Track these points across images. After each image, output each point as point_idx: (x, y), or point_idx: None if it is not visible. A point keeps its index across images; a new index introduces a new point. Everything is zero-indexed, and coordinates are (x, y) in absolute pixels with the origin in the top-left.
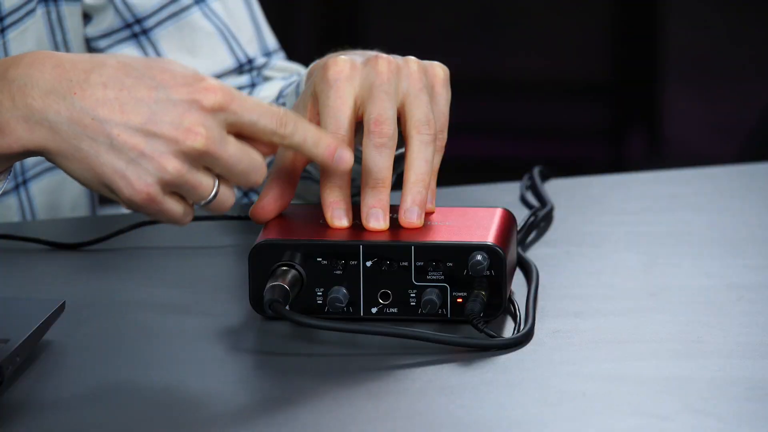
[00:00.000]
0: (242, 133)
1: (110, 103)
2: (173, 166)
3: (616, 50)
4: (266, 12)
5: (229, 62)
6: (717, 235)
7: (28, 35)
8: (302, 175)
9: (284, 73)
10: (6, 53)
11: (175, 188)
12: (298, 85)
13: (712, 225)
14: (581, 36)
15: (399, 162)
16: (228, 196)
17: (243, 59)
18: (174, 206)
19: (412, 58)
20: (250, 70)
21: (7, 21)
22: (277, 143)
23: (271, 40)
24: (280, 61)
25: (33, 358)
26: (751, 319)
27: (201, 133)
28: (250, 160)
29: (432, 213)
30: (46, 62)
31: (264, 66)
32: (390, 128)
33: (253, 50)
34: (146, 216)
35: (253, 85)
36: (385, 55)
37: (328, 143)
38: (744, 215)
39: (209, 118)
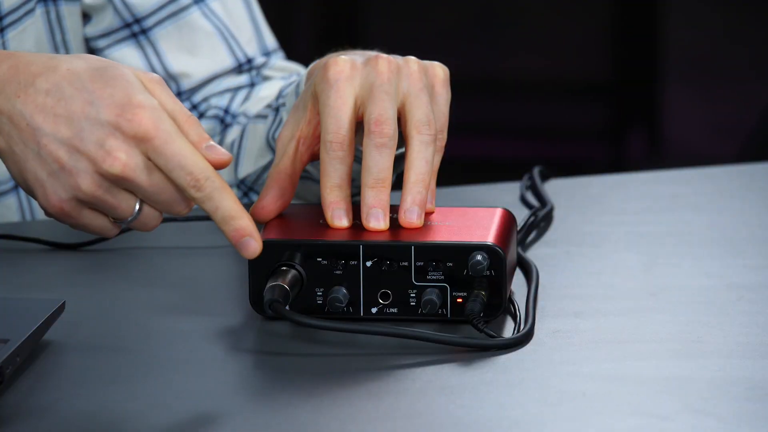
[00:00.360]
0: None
1: (46, 111)
2: (88, 185)
3: (616, 50)
4: (266, 12)
5: (228, 62)
6: (717, 235)
7: (27, 35)
8: (302, 175)
9: (284, 72)
10: None
11: (91, 205)
12: (298, 85)
13: (712, 225)
14: (581, 36)
15: (399, 162)
16: (152, 218)
17: (242, 59)
18: (94, 220)
19: (412, 58)
20: (249, 70)
21: (6, 21)
22: (189, 198)
23: (271, 40)
24: (279, 60)
25: (33, 358)
26: (751, 319)
27: (120, 159)
28: (172, 192)
29: (432, 213)
30: (3, 62)
31: (263, 65)
32: (390, 128)
33: (252, 50)
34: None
35: (252, 85)
36: (385, 55)
37: (238, 226)
38: (744, 215)
39: (131, 146)
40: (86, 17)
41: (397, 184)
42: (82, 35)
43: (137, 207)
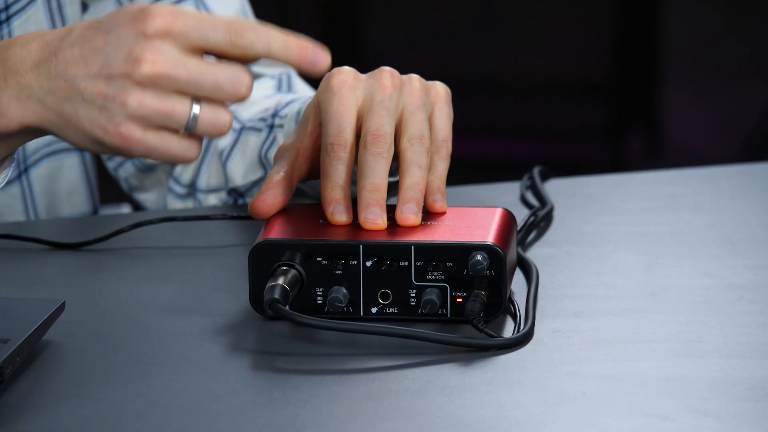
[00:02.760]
0: (205, 52)
1: (76, 60)
2: (134, 98)
3: (616, 50)
4: (266, 12)
5: None
6: (717, 235)
7: (30, 24)
8: (297, 191)
9: (272, 69)
10: None
11: (149, 121)
12: (299, 112)
13: (712, 225)
14: (581, 36)
15: (393, 187)
16: (217, 114)
17: None
18: (162, 140)
19: (416, 76)
20: None
21: (13, 9)
22: (239, 56)
23: None
24: None
25: (33, 358)
26: (751, 319)
27: (148, 59)
28: (218, 72)
29: (444, 213)
30: (33, 40)
31: None
32: (386, 143)
33: None
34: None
35: None
36: (389, 69)
37: (298, 45)
38: (744, 215)
39: (158, 43)
40: (84, 6)
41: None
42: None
43: (193, 106)
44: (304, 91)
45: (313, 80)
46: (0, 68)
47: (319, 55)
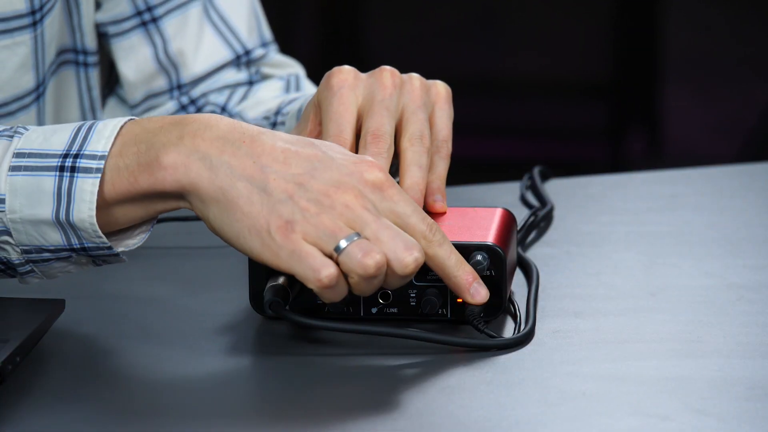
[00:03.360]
0: (394, 223)
1: (276, 154)
2: (315, 209)
3: (616, 50)
4: (267, 12)
5: (225, 53)
6: (717, 235)
7: (55, 19)
8: None
9: (281, 69)
10: (43, 40)
11: (313, 232)
12: (300, 110)
13: (712, 225)
14: (581, 36)
15: None
16: (370, 251)
17: (240, 51)
18: (309, 249)
19: (416, 75)
20: (247, 64)
21: (46, 7)
22: (422, 248)
23: (268, 32)
24: (276, 54)
25: (33, 358)
26: (751, 319)
27: (353, 191)
28: (401, 235)
29: (444, 213)
30: (223, 119)
31: (261, 59)
32: (386, 143)
33: (252, 41)
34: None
35: (251, 83)
36: (389, 68)
37: (468, 270)
38: (744, 215)
39: (367, 189)
40: (97, 4)
41: None
42: (94, 21)
43: (355, 234)
44: (311, 92)
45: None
46: (177, 129)
47: (480, 290)
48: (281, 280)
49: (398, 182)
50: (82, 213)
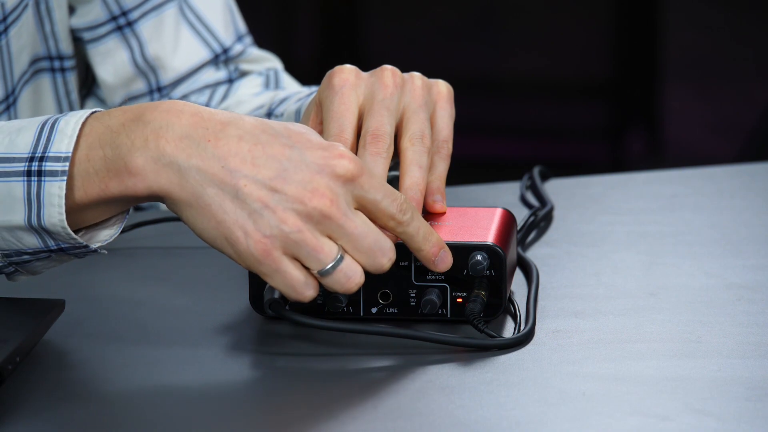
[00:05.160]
0: (364, 211)
1: (242, 155)
2: (293, 222)
3: (616, 50)
4: (266, 13)
5: (203, 53)
6: (717, 235)
7: (23, 30)
8: None
9: (259, 64)
10: (9, 50)
11: (294, 248)
12: (298, 111)
13: (712, 225)
14: (581, 36)
15: (393, 184)
16: (354, 270)
17: (218, 50)
18: (292, 269)
19: (417, 74)
20: (226, 62)
21: (9, 19)
22: (391, 228)
23: (242, 24)
24: (253, 49)
25: (33, 358)
26: (751, 319)
27: (327, 196)
28: (377, 238)
29: (444, 213)
30: (184, 110)
31: (239, 56)
32: (385, 143)
33: (228, 37)
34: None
35: (230, 81)
36: (390, 67)
37: (436, 241)
38: (744, 215)
39: (339, 185)
40: (71, 9)
41: None
42: (68, 26)
43: (339, 254)
44: (292, 87)
45: (302, 79)
46: (140, 129)
47: (446, 257)
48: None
49: (398, 183)
50: (53, 218)
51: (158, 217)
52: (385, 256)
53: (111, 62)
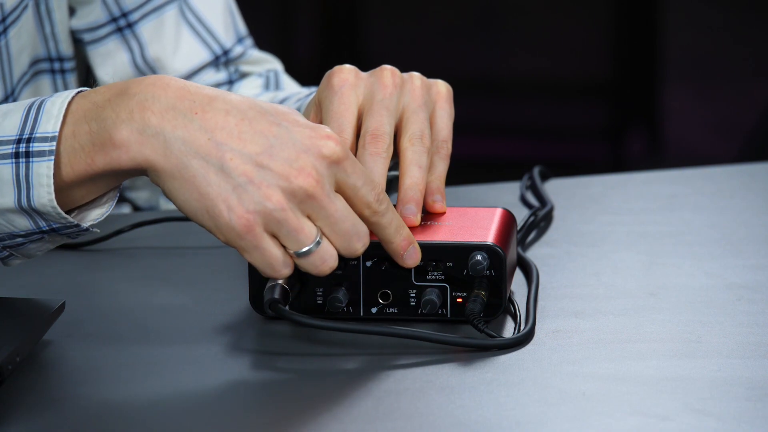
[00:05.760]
0: (342, 195)
1: (229, 129)
2: (277, 198)
3: (616, 50)
4: (266, 14)
5: (203, 55)
6: (717, 235)
7: (23, 31)
8: None
9: (259, 66)
10: (8, 51)
11: (275, 226)
12: (297, 111)
13: (712, 225)
14: (581, 36)
15: (392, 184)
16: (330, 254)
17: (219, 51)
18: (272, 246)
19: (417, 74)
20: (226, 64)
21: (9, 20)
22: (366, 217)
23: (242, 26)
24: (253, 51)
25: (33, 358)
26: (751, 319)
27: (312, 176)
28: (354, 223)
29: (443, 213)
30: (170, 83)
31: (240, 57)
32: (384, 143)
33: (228, 39)
34: (170, 212)
35: (230, 82)
36: (389, 67)
37: (406, 234)
38: (744, 215)
39: (324, 166)
40: (71, 10)
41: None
42: (69, 28)
43: (318, 236)
44: (292, 88)
45: (302, 79)
46: (125, 102)
47: (414, 253)
48: (281, 280)
49: (398, 179)
50: (42, 198)
51: (158, 217)
52: (360, 241)
53: (111, 64)
